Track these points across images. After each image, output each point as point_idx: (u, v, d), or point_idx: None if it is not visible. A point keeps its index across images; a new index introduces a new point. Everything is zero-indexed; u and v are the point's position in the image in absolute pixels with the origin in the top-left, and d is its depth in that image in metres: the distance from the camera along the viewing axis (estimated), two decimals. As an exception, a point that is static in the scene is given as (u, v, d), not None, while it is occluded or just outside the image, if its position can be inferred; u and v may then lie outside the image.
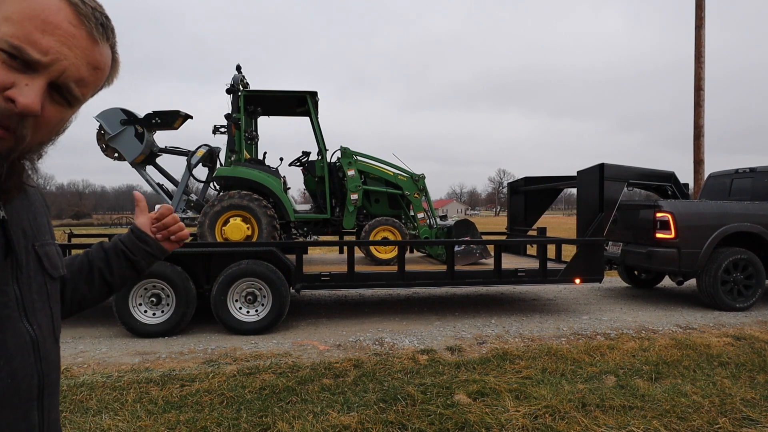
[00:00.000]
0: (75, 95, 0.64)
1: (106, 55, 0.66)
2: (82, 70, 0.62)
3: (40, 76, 0.59)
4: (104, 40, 0.65)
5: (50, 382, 0.72)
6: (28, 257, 0.70)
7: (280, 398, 3.12)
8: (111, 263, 0.96)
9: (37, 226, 0.75)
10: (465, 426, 2.73)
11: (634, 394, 3.18)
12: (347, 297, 6.99)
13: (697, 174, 11.49)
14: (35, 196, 0.79)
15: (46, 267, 0.74)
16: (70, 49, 0.60)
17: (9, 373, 0.63)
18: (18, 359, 0.65)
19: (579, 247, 5.80)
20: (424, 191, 6.54)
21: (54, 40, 0.58)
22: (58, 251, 0.81)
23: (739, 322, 5.37)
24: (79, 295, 0.94)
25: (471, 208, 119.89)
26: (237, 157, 6.17)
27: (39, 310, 0.71)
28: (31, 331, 0.68)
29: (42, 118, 0.61)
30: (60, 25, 0.59)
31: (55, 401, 0.75)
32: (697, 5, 11.54)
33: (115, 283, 0.98)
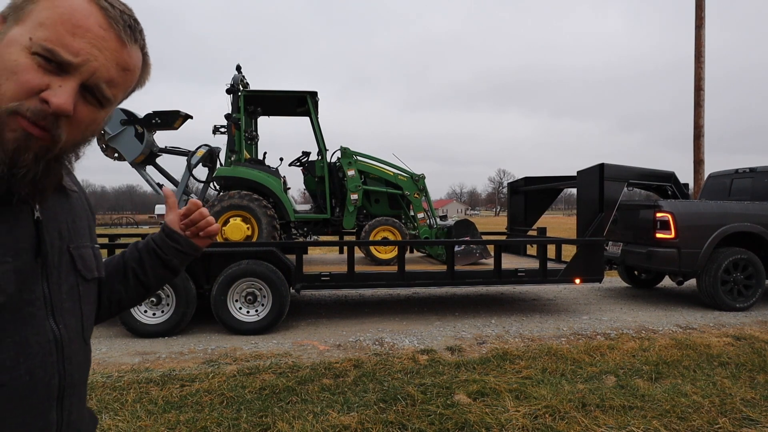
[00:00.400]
0: (106, 96, 0.66)
1: (136, 57, 0.69)
2: (111, 71, 0.65)
3: (73, 77, 0.61)
4: (133, 42, 0.67)
5: (72, 382, 0.71)
6: (61, 258, 0.71)
7: (280, 398, 3.12)
8: (144, 263, 0.95)
9: (76, 229, 0.77)
10: (465, 426, 2.73)
11: (634, 394, 3.18)
12: (347, 297, 6.99)
13: (697, 174, 11.49)
14: (78, 200, 0.81)
15: (79, 269, 0.75)
16: (100, 51, 0.63)
17: (27, 370, 0.63)
18: (38, 357, 0.65)
19: (579, 247, 5.80)
20: (424, 191, 6.54)
21: (85, 43, 0.61)
22: (97, 254, 0.83)
23: (739, 322, 5.37)
24: (116, 296, 0.95)
25: (471, 208, 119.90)
26: (237, 157, 6.17)
27: (68, 310, 0.71)
28: (56, 330, 0.68)
29: (75, 119, 0.63)
30: (90, 28, 0.62)
31: (77, 402, 0.75)
32: (697, 5, 11.54)
33: (150, 283, 0.97)
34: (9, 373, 0.62)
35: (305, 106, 6.48)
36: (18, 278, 0.63)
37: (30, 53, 0.60)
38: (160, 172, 7.06)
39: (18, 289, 0.63)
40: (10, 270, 0.62)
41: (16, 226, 0.65)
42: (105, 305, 0.94)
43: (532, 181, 7.84)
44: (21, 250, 0.64)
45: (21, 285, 0.64)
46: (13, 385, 0.63)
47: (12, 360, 0.62)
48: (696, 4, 11.58)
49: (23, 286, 0.64)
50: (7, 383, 0.62)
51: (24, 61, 0.59)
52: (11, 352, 0.62)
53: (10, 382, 0.62)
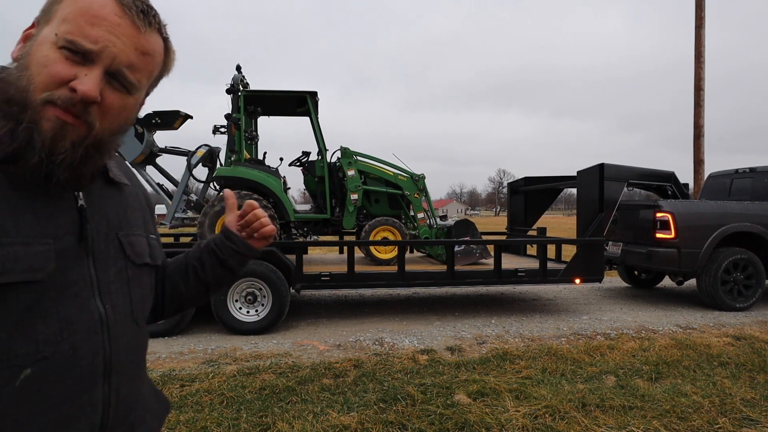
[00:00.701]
0: (130, 80, 0.70)
1: (153, 41, 0.73)
2: (131, 55, 0.69)
3: (96, 66, 0.67)
4: (147, 26, 0.71)
5: (119, 361, 0.74)
6: (108, 243, 0.76)
7: (280, 398, 3.12)
8: (204, 262, 0.98)
9: (127, 219, 0.82)
10: (465, 426, 2.73)
11: (634, 394, 3.18)
12: (347, 297, 6.99)
13: (697, 174, 11.49)
14: (132, 194, 0.87)
15: (128, 254, 0.79)
16: (117, 37, 0.67)
17: (70, 345, 0.67)
18: (82, 334, 0.69)
19: (579, 247, 5.80)
20: (424, 191, 6.54)
21: (102, 30, 0.66)
22: (152, 244, 0.87)
23: (739, 322, 5.36)
24: (177, 293, 0.99)
25: (471, 208, 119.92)
26: (237, 157, 6.17)
27: (115, 291, 0.75)
28: (102, 310, 0.72)
29: (105, 105, 0.68)
30: (106, 17, 0.67)
31: (129, 382, 0.78)
32: (697, 5, 11.54)
33: (209, 283, 0.99)
34: (53, 347, 0.66)
35: (305, 106, 6.48)
36: (60, 259, 0.68)
37: (57, 47, 0.65)
38: (160, 172, 7.06)
39: (63, 270, 0.68)
40: (50, 250, 0.67)
41: (57, 213, 0.69)
42: (167, 300, 0.99)
43: (532, 181, 7.84)
44: (63, 234, 0.69)
45: (65, 266, 0.68)
46: (57, 358, 0.66)
47: (56, 335, 0.66)
48: (696, 4, 11.58)
49: (68, 267, 0.69)
50: (51, 356, 0.65)
51: (53, 55, 0.65)
52: (55, 327, 0.66)
53: (53, 355, 0.66)
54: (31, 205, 0.67)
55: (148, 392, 0.88)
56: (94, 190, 0.77)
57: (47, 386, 0.65)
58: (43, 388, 0.65)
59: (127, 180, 0.87)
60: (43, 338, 0.65)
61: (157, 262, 0.89)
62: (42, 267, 0.65)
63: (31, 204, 0.67)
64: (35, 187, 0.68)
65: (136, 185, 0.91)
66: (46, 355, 0.65)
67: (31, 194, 0.67)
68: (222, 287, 1.03)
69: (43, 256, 0.66)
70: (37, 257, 0.65)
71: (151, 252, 0.86)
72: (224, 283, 1.01)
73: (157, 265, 0.89)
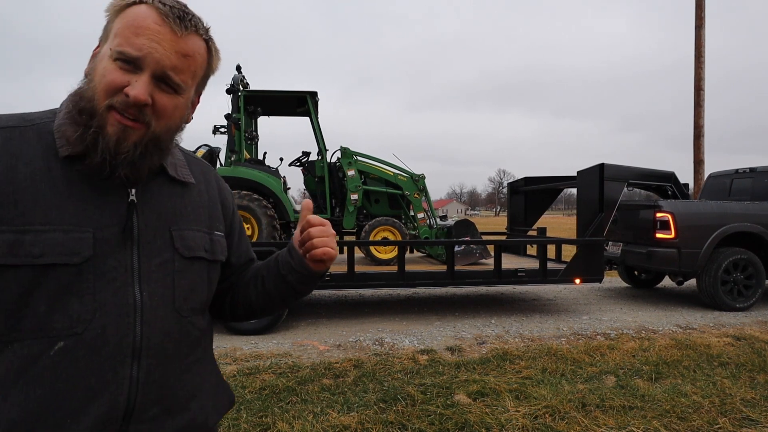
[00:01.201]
0: (176, 81, 0.77)
1: (192, 43, 0.79)
2: (173, 58, 0.76)
3: (145, 72, 0.75)
4: (184, 30, 0.77)
5: (152, 345, 0.78)
6: (156, 236, 0.82)
7: (280, 398, 3.12)
8: (271, 272, 0.97)
9: (185, 215, 0.87)
10: (465, 426, 2.73)
11: (634, 394, 3.18)
12: (347, 297, 6.98)
13: (697, 174, 11.49)
14: (200, 192, 0.93)
15: (177, 247, 0.84)
16: (158, 43, 0.75)
17: (101, 325, 0.74)
18: (113, 316, 0.75)
19: (579, 247, 5.80)
20: (424, 191, 6.54)
21: (145, 39, 0.74)
22: (214, 239, 0.92)
23: (739, 322, 5.36)
24: (244, 294, 1.01)
25: (471, 208, 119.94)
26: (237, 157, 6.17)
27: (156, 281, 0.80)
28: (138, 296, 0.77)
29: (157, 106, 0.76)
30: (148, 26, 0.75)
31: (166, 367, 0.81)
32: (697, 5, 11.54)
33: (272, 295, 0.98)
34: (85, 325, 0.73)
35: (305, 106, 6.48)
36: (100, 246, 0.75)
37: (113, 60, 0.74)
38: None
39: (102, 256, 0.75)
40: (89, 238, 0.74)
41: (105, 206, 0.77)
42: (239, 301, 1.01)
43: (532, 181, 7.84)
44: (106, 224, 0.77)
45: (105, 253, 0.76)
46: (87, 336, 0.73)
47: (89, 314, 0.73)
48: (696, 4, 11.58)
49: (107, 255, 0.76)
50: (82, 333, 0.73)
51: (109, 66, 0.75)
52: (89, 307, 0.73)
53: (84, 332, 0.73)
54: (80, 197, 0.75)
55: (199, 381, 0.89)
56: (152, 188, 0.84)
57: (77, 359, 0.72)
58: (74, 361, 0.72)
59: (196, 179, 0.93)
60: (77, 316, 0.73)
61: (217, 257, 0.92)
62: (79, 252, 0.73)
63: (80, 197, 0.76)
64: (89, 183, 0.76)
65: (211, 184, 0.97)
66: (77, 332, 0.72)
67: (82, 189, 0.76)
68: (287, 302, 1.01)
69: (81, 242, 0.73)
70: (75, 243, 0.73)
71: (211, 247, 0.90)
72: (287, 298, 0.98)
73: (218, 260, 0.92)
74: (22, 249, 0.70)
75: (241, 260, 1.04)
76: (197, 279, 0.87)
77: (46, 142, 0.76)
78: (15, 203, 0.71)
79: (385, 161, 6.61)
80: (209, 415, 0.90)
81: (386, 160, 6.62)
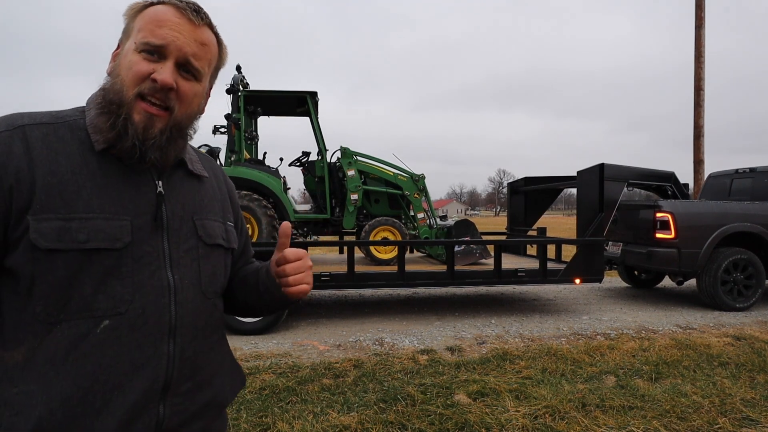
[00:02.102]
0: (196, 67, 0.85)
1: (207, 33, 0.88)
2: (193, 46, 0.84)
3: (169, 59, 0.82)
4: (200, 21, 0.86)
5: (185, 324, 0.85)
6: (182, 224, 0.88)
7: (280, 398, 3.12)
8: (254, 284, 1.03)
9: (203, 206, 0.94)
10: (465, 426, 2.73)
11: (634, 394, 3.18)
12: (347, 297, 6.98)
13: (697, 174, 11.49)
14: (212, 185, 1.00)
15: (200, 234, 0.91)
16: (179, 33, 0.83)
17: (141, 305, 0.80)
18: (151, 297, 0.81)
19: (579, 247, 5.79)
20: (424, 191, 6.54)
21: (167, 30, 0.82)
22: (228, 229, 0.99)
23: (739, 322, 5.36)
24: (241, 299, 1.06)
25: (471, 208, 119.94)
26: (237, 157, 6.17)
27: (185, 265, 0.87)
28: (171, 279, 0.84)
29: (180, 92, 0.84)
30: (169, 19, 0.83)
31: (196, 344, 0.88)
32: (697, 5, 11.54)
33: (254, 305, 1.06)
34: (127, 305, 0.79)
35: (305, 106, 6.48)
36: (136, 233, 0.81)
37: (137, 52, 0.81)
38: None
39: (139, 242, 0.81)
40: (127, 225, 0.81)
41: (138, 196, 0.84)
42: (237, 298, 1.06)
43: (532, 181, 7.84)
44: (140, 213, 0.83)
45: (141, 239, 0.82)
46: (130, 315, 0.79)
47: (130, 295, 0.80)
48: (696, 4, 11.57)
49: (143, 241, 0.82)
50: (125, 312, 0.79)
51: (135, 58, 0.81)
52: (130, 289, 0.80)
53: (127, 312, 0.79)
54: (116, 188, 0.82)
55: (220, 359, 0.96)
56: (175, 180, 0.90)
57: (121, 337, 0.78)
58: (118, 338, 0.78)
59: (207, 173, 0.99)
60: (120, 297, 0.79)
61: (232, 245, 0.99)
62: (120, 238, 0.79)
63: (116, 188, 0.82)
64: (123, 176, 0.83)
65: (219, 179, 1.04)
66: (121, 311, 0.79)
67: (117, 181, 0.82)
68: (271, 311, 1.08)
69: (121, 229, 0.80)
70: (116, 230, 0.79)
71: (227, 236, 0.98)
72: (271, 308, 1.05)
73: (232, 248, 0.99)
74: (69, 235, 0.76)
75: (240, 251, 1.09)
76: (218, 264, 0.95)
77: (79, 138, 0.82)
78: (60, 194, 0.77)
79: (385, 161, 6.60)
80: (227, 393, 0.98)
81: (386, 160, 6.62)
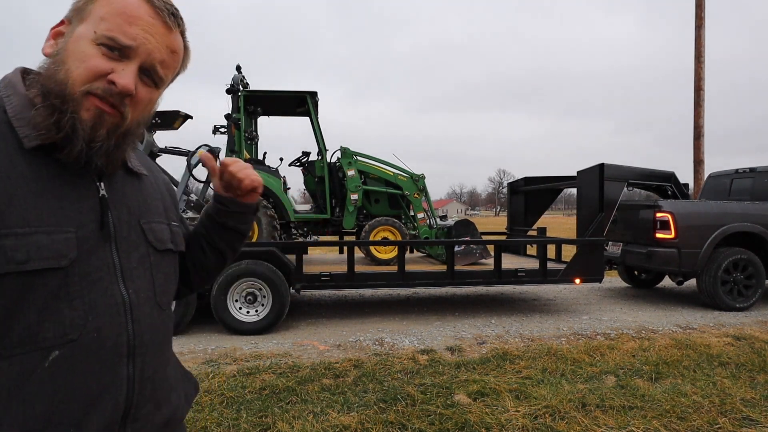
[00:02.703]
0: (160, 76, 0.77)
1: (179, 40, 0.79)
2: (162, 52, 0.76)
3: (133, 61, 0.73)
4: (176, 27, 0.78)
5: (143, 342, 0.77)
6: (130, 230, 0.79)
7: (280, 398, 3.12)
8: (208, 228, 1.01)
9: (147, 207, 0.85)
10: (465, 426, 2.73)
11: (634, 394, 3.18)
12: (347, 297, 6.98)
13: (697, 174, 11.49)
14: (151, 183, 0.90)
15: (150, 240, 0.82)
16: (152, 36, 0.74)
17: (95, 328, 0.71)
18: (106, 317, 0.72)
19: (579, 247, 5.80)
20: (424, 191, 6.54)
21: (139, 29, 0.72)
22: (174, 230, 0.91)
23: (739, 322, 5.36)
24: (198, 263, 1.02)
25: (471, 208, 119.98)
26: (237, 157, 6.17)
27: (138, 276, 0.79)
28: (125, 294, 0.75)
29: (136, 98, 0.74)
30: (142, 17, 0.73)
31: (154, 361, 0.80)
32: (697, 5, 11.54)
33: (222, 248, 1.02)
34: (79, 330, 0.69)
35: (305, 106, 6.48)
36: (82, 246, 0.71)
37: (96, 44, 0.71)
38: (160, 172, 7.04)
39: (85, 256, 0.71)
40: (72, 238, 0.70)
41: (80, 202, 0.73)
42: (193, 272, 1.02)
43: (532, 181, 7.84)
44: (85, 222, 0.73)
45: (87, 252, 0.72)
46: (83, 340, 0.69)
47: (81, 318, 0.70)
48: (696, 4, 11.57)
49: (90, 254, 0.72)
50: (77, 339, 0.69)
51: (91, 51, 0.70)
52: (81, 311, 0.70)
53: (80, 337, 0.69)
54: (54, 194, 0.70)
55: (174, 373, 0.90)
56: (116, 180, 0.80)
57: (74, 366, 0.69)
58: (71, 369, 0.68)
59: (146, 170, 0.90)
60: (70, 321, 0.68)
61: (179, 248, 0.92)
62: (65, 254, 0.69)
63: (54, 194, 0.70)
64: (59, 179, 0.71)
65: (156, 175, 0.95)
66: (72, 338, 0.69)
67: (54, 185, 0.70)
68: (237, 249, 1.05)
69: (65, 243, 0.69)
70: (60, 245, 0.68)
71: (173, 238, 0.90)
72: (236, 244, 1.03)
73: (179, 251, 0.92)
74: (4, 255, 0.63)
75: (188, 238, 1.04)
76: (169, 271, 0.87)
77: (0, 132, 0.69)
78: None
79: (385, 161, 6.61)
80: (185, 406, 0.92)
81: (386, 160, 6.62)
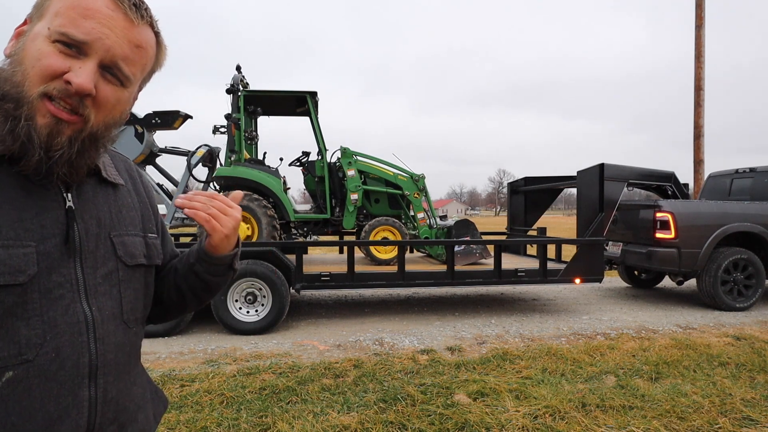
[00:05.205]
0: (125, 74, 0.71)
1: (145, 34, 0.73)
2: (125, 48, 0.70)
3: (90, 58, 0.67)
4: (140, 19, 0.71)
5: (107, 362, 0.73)
6: (98, 244, 0.74)
7: (280, 398, 3.12)
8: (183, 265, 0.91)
9: (120, 219, 0.80)
10: (465, 426, 2.73)
11: (634, 394, 3.18)
12: (347, 297, 6.98)
13: (697, 174, 11.48)
14: (129, 193, 0.85)
15: (120, 255, 0.77)
16: (110, 29, 0.68)
17: (54, 348, 0.67)
18: (66, 336, 0.68)
19: (579, 247, 5.80)
20: (424, 191, 6.54)
21: (95, 23, 0.67)
22: (149, 243, 0.85)
23: (739, 322, 5.36)
24: (162, 296, 0.92)
25: (471, 208, 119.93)
26: (237, 157, 6.17)
27: (103, 293, 0.74)
28: (88, 311, 0.71)
29: (99, 98, 0.69)
30: (99, 9, 0.67)
31: (118, 382, 0.76)
32: (697, 5, 11.53)
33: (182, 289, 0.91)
34: (36, 350, 0.65)
35: (305, 106, 6.48)
36: (43, 261, 0.67)
37: (51, 42, 0.66)
38: (160, 172, 7.06)
39: (46, 272, 0.67)
40: (32, 253, 0.66)
41: (43, 214, 0.68)
42: (170, 300, 0.93)
43: (532, 181, 7.84)
44: (47, 236, 0.68)
45: (49, 268, 0.67)
46: (40, 361, 0.65)
47: (39, 337, 0.66)
48: (696, 4, 11.56)
49: (52, 269, 0.68)
50: (34, 359, 0.65)
51: (46, 49, 0.65)
52: (38, 330, 0.66)
53: (36, 358, 0.65)
54: (13, 206, 0.66)
55: (142, 391, 0.86)
56: (86, 190, 0.75)
57: (30, 388, 0.65)
58: (27, 390, 0.65)
59: (122, 179, 0.85)
60: (26, 341, 0.64)
61: (154, 262, 0.86)
62: (23, 270, 0.65)
63: (13, 205, 0.66)
64: (20, 188, 0.67)
65: (136, 183, 0.89)
66: (28, 358, 0.65)
67: (14, 196, 0.66)
68: (198, 297, 0.94)
69: (24, 259, 0.65)
70: (18, 260, 0.64)
71: (148, 252, 0.84)
72: (198, 291, 0.92)
73: (154, 265, 0.87)
74: None
75: (167, 260, 0.96)
76: (140, 287, 0.82)
77: None
78: None
79: (385, 161, 6.61)
80: (153, 424, 0.88)
81: (386, 160, 6.62)
